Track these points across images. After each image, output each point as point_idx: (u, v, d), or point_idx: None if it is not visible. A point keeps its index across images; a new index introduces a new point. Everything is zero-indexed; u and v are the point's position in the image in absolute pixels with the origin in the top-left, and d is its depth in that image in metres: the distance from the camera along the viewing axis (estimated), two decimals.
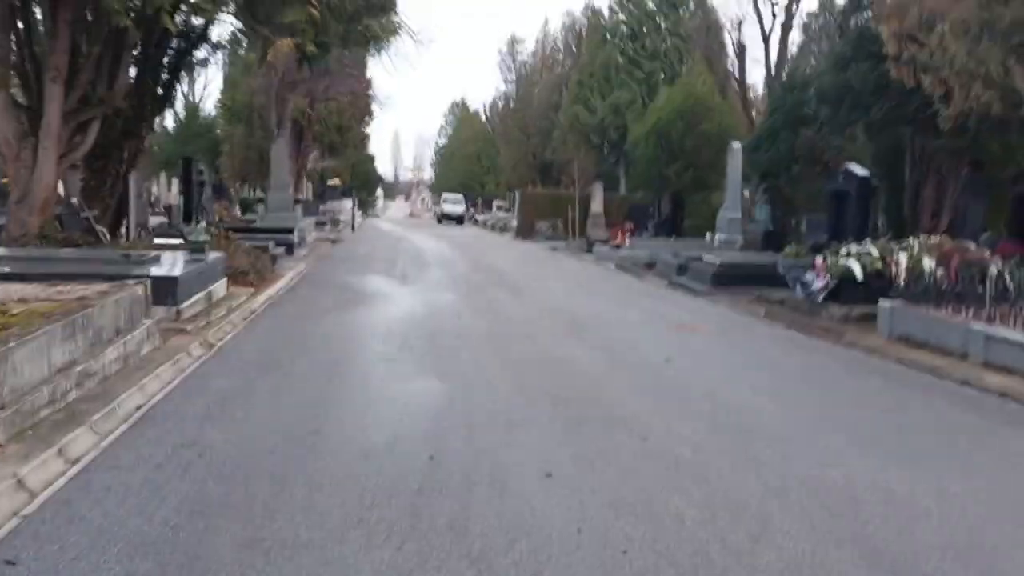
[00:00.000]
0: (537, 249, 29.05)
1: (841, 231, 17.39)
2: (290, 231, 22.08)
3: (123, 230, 16.26)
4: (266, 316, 10.98)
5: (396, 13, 13.40)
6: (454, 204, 56.17)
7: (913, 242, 12.57)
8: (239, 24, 17.16)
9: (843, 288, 12.08)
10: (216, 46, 18.83)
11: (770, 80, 28.69)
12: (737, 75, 30.46)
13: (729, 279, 16.12)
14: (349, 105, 41.54)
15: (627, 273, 20.11)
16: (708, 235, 24.31)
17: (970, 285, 10.65)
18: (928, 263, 11.80)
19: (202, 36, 15.78)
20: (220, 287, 12.10)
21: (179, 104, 65.20)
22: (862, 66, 14.10)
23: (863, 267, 12.06)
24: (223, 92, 51.70)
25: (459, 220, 53.56)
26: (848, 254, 12.47)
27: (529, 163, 51.88)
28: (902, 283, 11.54)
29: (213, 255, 12.36)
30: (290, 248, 20.42)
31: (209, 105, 59.33)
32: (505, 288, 15.45)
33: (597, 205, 35.99)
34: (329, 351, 8.44)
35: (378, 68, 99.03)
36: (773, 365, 8.75)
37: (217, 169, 52.27)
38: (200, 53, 19.11)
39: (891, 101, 13.73)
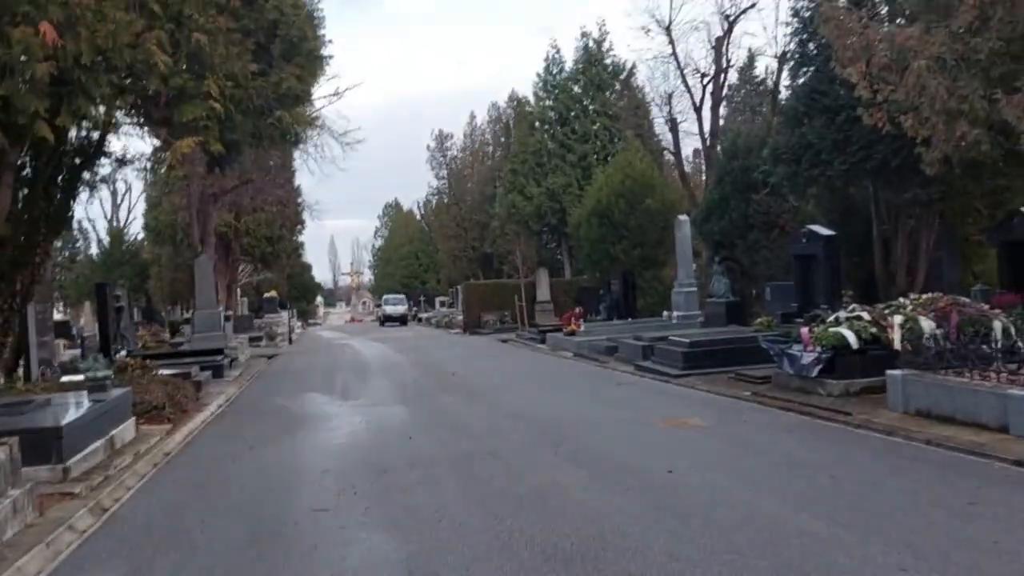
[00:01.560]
0: (487, 343, 27.53)
1: (810, 296, 16.36)
2: (219, 352, 20.21)
3: (21, 370, 14.36)
4: (180, 461, 9.16)
5: (311, 103, 12.14)
6: (396, 304, 54.61)
7: (904, 301, 11.46)
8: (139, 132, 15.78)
9: (837, 360, 10.83)
10: (121, 161, 17.34)
11: (707, 150, 28.26)
12: (672, 149, 30.01)
13: (701, 358, 14.86)
14: (278, 215, 40.08)
15: (588, 361, 18.69)
16: (665, 313, 23.21)
17: (971, 344, 9.51)
18: (927, 324, 10.65)
19: (99, 148, 14.28)
20: (127, 429, 10.27)
21: (103, 230, 63.45)
22: (817, 121, 13.26)
23: (856, 334, 10.84)
24: (146, 213, 50.07)
25: (402, 320, 51.95)
26: (837, 321, 11.27)
27: (469, 256, 50.91)
28: (901, 349, 10.34)
29: (117, 391, 10.58)
30: (219, 370, 18.55)
31: (136, 228, 57.48)
32: (459, 393, 13.84)
33: (544, 292, 34.87)
34: (252, 506, 6.69)
35: (306, 175, 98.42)
36: (793, 464, 7.29)
37: (147, 293, 50.23)
38: (104, 169, 17.63)
39: (853, 155, 12.83)
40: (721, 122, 29.91)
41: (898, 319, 10.75)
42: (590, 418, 10.47)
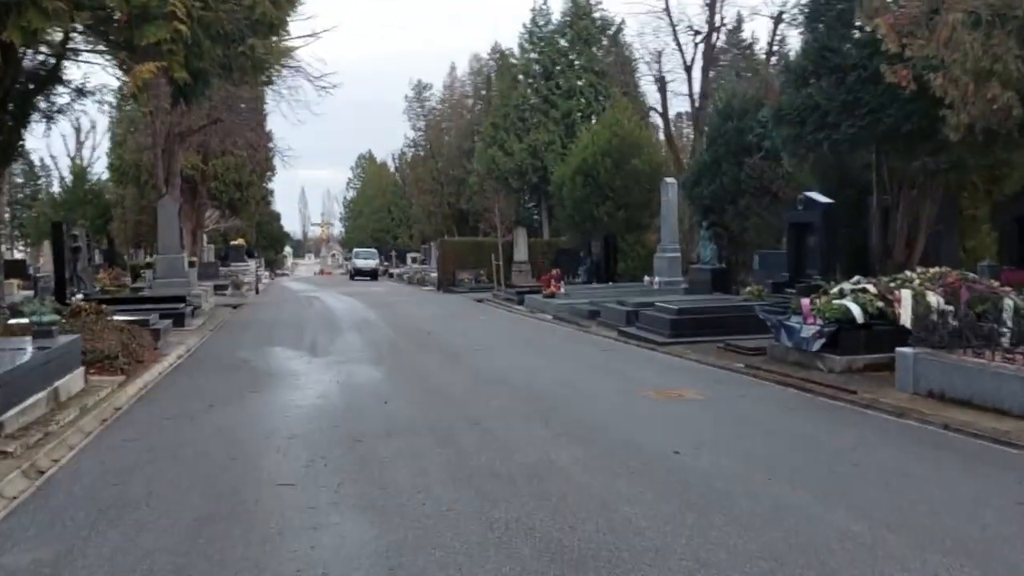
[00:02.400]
0: (462, 302, 26.77)
1: (802, 266, 15.79)
2: (181, 299, 19.25)
3: None
4: (131, 418, 8.35)
5: (287, 34, 11.12)
6: (367, 259, 53.47)
7: (911, 275, 10.86)
8: (101, 62, 14.69)
9: (841, 334, 10.22)
10: (81, 91, 16.21)
11: (695, 112, 27.46)
12: (660, 109, 29.15)
13: (689, 326, 14.26)
14: (248, 159, 38.69)
15: (569, 325, 18.02)
16: (646, 278, 22.58)
17: (982, 322, 8.94)
18: (935, 299, 10.07)
19: (54, 74, 13.18)
20: (74, 380, 9.41)
21: (65, 168, 61.41)
22: (826, 81, 12.51)
23: (862, 308, 10.23)
24: (110, 152, 48.27)
25: (373, 275, 50.90)
26: (841, 293, 10.64)
27: (444, 212, 49.86)
28: (911, 325, 9.76)
29: (65, 338, 9.70)
30: (180, 319, 17.60)
31: (101, 167, 55.68)
32: (436, 353, 13.10)
33: (521, 252, 34.07)
34: (208, 477, 5.93)
35: (279, 120, 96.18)
36: (806, 447, 6.67)
37: (109, 235, 48.70)
38: (61, 99, 16.48)
39: (861, 118, 12.13)
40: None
41: (907, 293, 10.15)
42: (578, 385, 9.79)
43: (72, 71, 18.22)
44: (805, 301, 10.86)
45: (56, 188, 60.78)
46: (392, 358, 12.53)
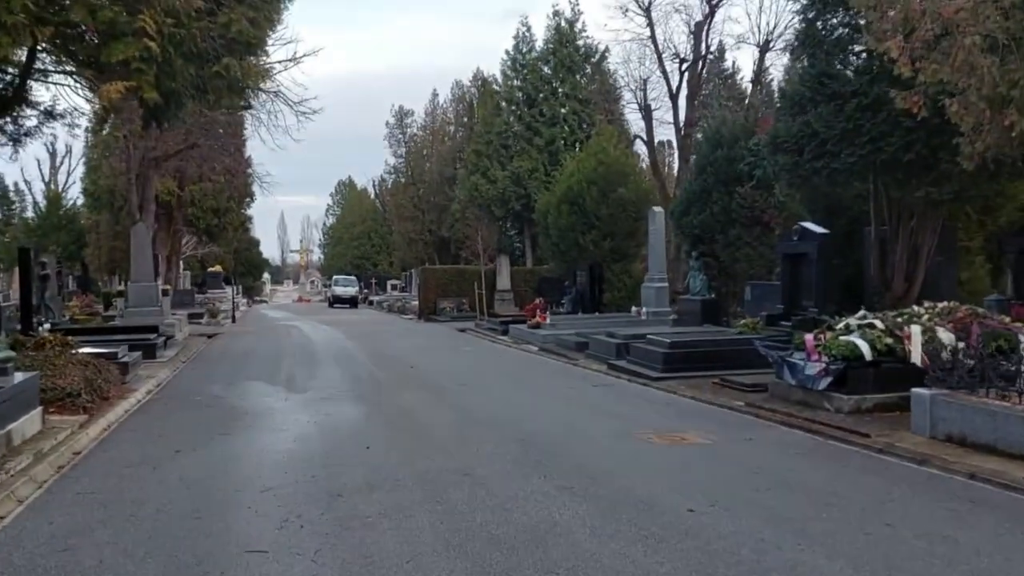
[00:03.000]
0: (445, 332, 26.12)
1: (797, 298, 15.36)
2: (153, 330, 18.50)
3: None
4: (89, 465, 7.64)
5: (265, 54, 10.58)
6: (346, 286, 52.68)
7: (919, 310, 10.41)
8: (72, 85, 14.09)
9: (848, 372, 9.72)
10: (49, 114, 15.56)
11: (681, 140, 27.16)
12: (645, 137, 28.83)
13: (682, 360, 13.74)
14: (226, 185, 38.00)
15: (556, 357, 17.44)
16: (633, 308, 22.11)
17: (994, 359, 8.46)
18: (946, 336, 9.61)
19: (18, 94, 12.53)
20: (31, 421, 8.74)
21: (39, 193, 60.31)
22: (824, 108, 12.13)
23: (870, 344, 9.74)
24: (84, 177, 47.36)
25: (352, 303, 50.11)
26: (848, 329, 10.16)
27: (426, 240, 49.30)
28: (921, 363, 9.29)
29: (21, 376, 9.01)
30: (151, 350, 16.85)
31: (75, 193, 54.72)
32: (420, 389, 12.46)
33: (504, 280, 33.54)
34: (168, 540, 5.26)
35: (258, 145, 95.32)
36: (832, 503, 6.09)
37: (83, 262, 47.70)
38: (29, 121, 15.82)
39: (862, 147, 11.73)
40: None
41: (916, 329, 9.69)
42: (573, 427, 9.20)
43: (40, 93, 17.52)
44: (809, 337, 10.36)
45: (30, 213, 59.68)
46: (374, 395, 11.88)
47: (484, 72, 44.25)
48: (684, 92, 26.95)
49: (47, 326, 18.47)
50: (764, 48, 26.13)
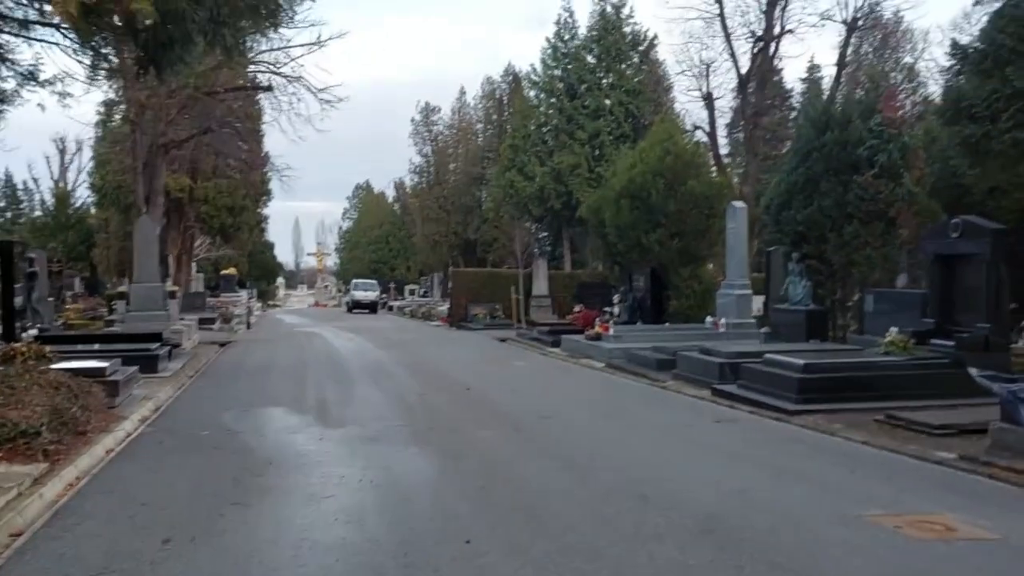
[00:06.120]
0: (483, 341, 23.19)
1: (950, 310, 12.37)
2: (155, 338, 15.64)
3: None
4: (28, 562, 4.76)
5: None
6: (367, 290, 49.72)
7: None
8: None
9: None
10: (30, 76, 12.91)
11: (750, 131, 24.19)
12: (706, 128, 25.86)
13: (821, 388, 10.75)
14: (242, 182, 35.26)
15: (634, 377, 14.49)
16: (709, 319, 19.10)
17: None
18: None
19: None
20: None
21: (47, 191, 57.91)
22: None
23: None
24: (92, 172, 44.82)
25: (373, 308, 47.16)
26: None
27: (451, 242, 46.48)
28: None
29: None
30: (152, 362, 14.02)
31: (84, 192, 52.26)
32: (494, 424, 9.51)
33: (541, 285, 30.54)
34: None
35: (276, 141, 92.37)
36: None
37: (91, 262, 45.19)
38: (6, 83, 13.17)
39: None
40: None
41: None
42: (752, 499, 6.21)
43: (22, 51, 14.69)
44: None
45: (38, 212, 57.32)
46: (437, 434, 8.93)
47: (515, 67, 41.49)
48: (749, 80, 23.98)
49: (32, 332, 15.71)
50: (852, 26, 23.16)
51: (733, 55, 23.82)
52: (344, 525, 5.42)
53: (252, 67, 23.33)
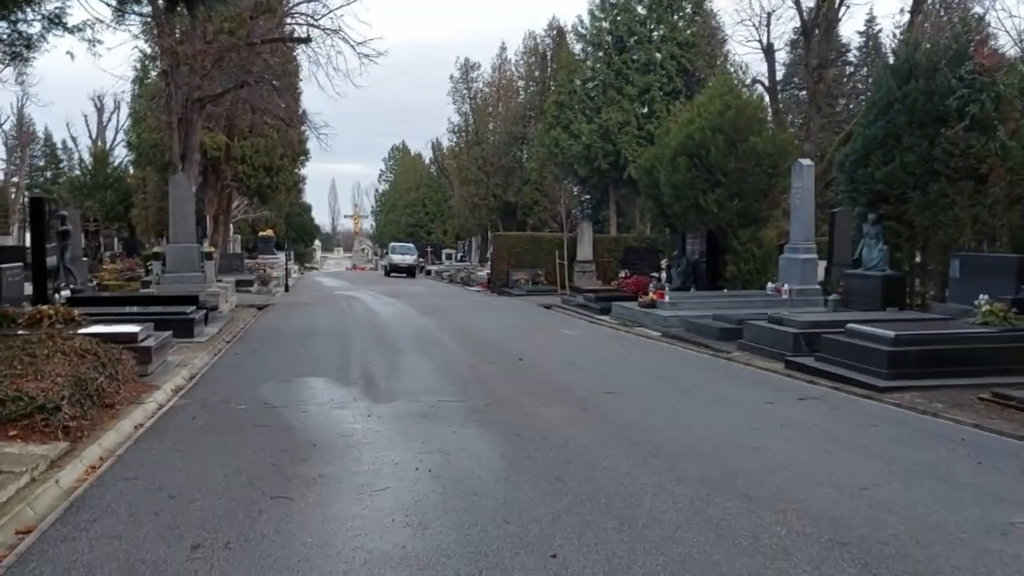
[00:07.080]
0: (528, 308, 22.30)
1: None
2: (192, 300, 14.98)
3: None
4: (37, 563, 3.98)
5: None
6: (404, 254, 48.95)
7: None
8: None
9: None
10: (56, 20, 12.13)
11: (814, 85, 22.71)
12: (766, 82, 24.36)
13: (913, 362, 9.76)
14: (279, 140, 34.51)
15: (695, 348, 13.53)
16: (770, 285, 18.01)
17: None
18: None
19: None
20: None
21: (85, 150, 57.87)
22: None
23: None
24: (128, 130, 44.42)
25: (411, 272, 46.42)
26: None
27: (490, 205, 45.44)
28: None
29: None
30: (187, 327, 13.36)
31: (123, 151, 52.03)
32: (556, 400, 8.61)
33: (586, 250, 29.50)
34: None
35: (313, 98, 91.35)
36: None
37: (130, 222, 45.02)
38: (31, 27, 12.40)
39: None
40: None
41: None
42: (875, 500, 5.24)
43: None
44: None
45: (77, 172, 57.30)
46: (495, 411, 8.04)
47: (560, 20, 40.03)
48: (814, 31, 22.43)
49: (65, 294, 15.13)
50: None
51: (798, 3, 22.27)
52: (403, 529, 4.56)
53: (289, 20, 22.38)
